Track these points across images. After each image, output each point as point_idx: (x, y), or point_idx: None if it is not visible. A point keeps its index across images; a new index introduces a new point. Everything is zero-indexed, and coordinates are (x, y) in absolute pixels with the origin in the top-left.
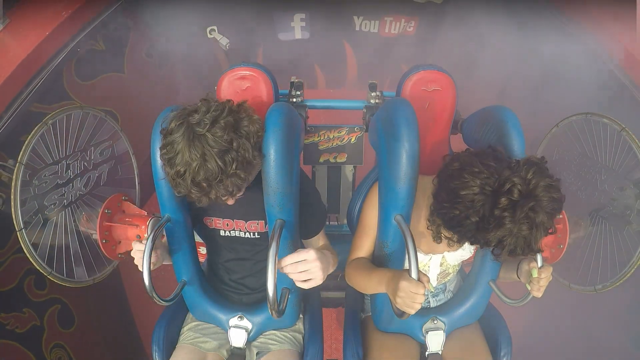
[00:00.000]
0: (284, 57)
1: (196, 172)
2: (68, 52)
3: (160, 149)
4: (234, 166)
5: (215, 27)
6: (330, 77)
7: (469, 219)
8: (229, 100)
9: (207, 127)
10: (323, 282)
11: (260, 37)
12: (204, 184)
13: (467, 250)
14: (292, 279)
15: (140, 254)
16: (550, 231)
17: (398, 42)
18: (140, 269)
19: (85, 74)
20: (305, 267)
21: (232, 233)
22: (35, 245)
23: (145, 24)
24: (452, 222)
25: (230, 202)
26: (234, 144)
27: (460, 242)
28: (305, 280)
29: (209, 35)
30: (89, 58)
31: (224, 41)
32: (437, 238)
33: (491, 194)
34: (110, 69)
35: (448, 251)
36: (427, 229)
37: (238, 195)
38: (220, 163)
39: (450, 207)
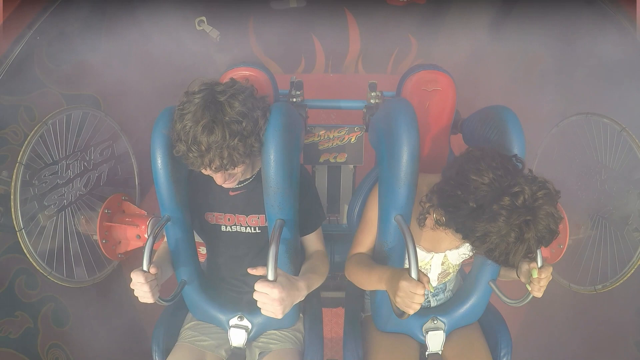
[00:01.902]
0: (277, 29)
1: (201, 131)
2: (33, 35)
3: (178, 105)
4: (236, 139)
5: (204, 18)
6: (330, 51)
7: (467, 204)
8: (253, 86)
9: (227, 97)
10: (323, 282)
11: (250, 7)
12: (203, 147)
13: (468, 249)
14: None
15: (141, 286)
16: (530, 255)
17: (406, 12)
18: (142, 300)
19: (59, 58)
20: (264, 300)
21: (234, 228)
22: (35, 246)
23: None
24: (449, 201)
25: (219, 179)
26: (244, 122)
27: (446, 226)
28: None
29: (197, 27)
30: (63, 41)
31: (214, 33)
32: (423, 218)
33: (497, 189)
34: (86, 51)
35: (450, 250)
36: (420, 203)
37: (228, 180)
38: (226, 131)
39: (454, 186)
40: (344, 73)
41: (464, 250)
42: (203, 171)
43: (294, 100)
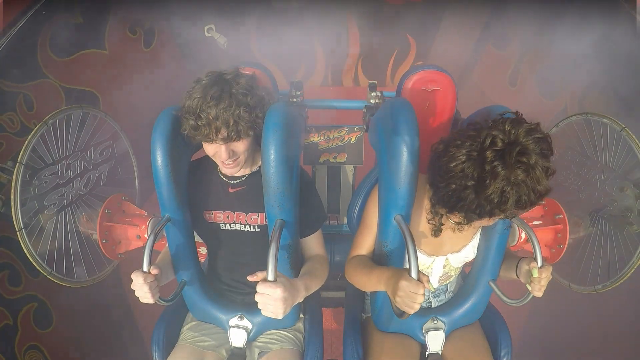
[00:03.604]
0: (278, 27)
1: (209, 100)
2: (30, 21)
3: (188, 89)
4: (241, 108)
5: (212, 26)
6: (330, 50)
7: (467, 188)
8: (255, 74)
9: (233, 76)
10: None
11: (252, 5)
12: (211, 115)
13: (471, 252)
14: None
15: (141, 287)
16: (549, 174)
17: (404, 10)
18: (142, 301)
19: (62, 50)
20: (265, 301)
21: (233, 227)
22: (35, 246)
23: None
24: (453, 200)
25: (224, 154)
26: (248, 96)
27: (469, 222)
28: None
29: (206, 34)
30: (66, 33)
31: (221, 40)
32: (438, 231)
33: (478, 156)
34: (89, 45)
35: (452, 253)
36: (428, 222)
37: (232, 158)
38: (232, 100)
39: (446, 185)
40: (344, 80)
41: (466, 254)
42: (209, 147)
43: (294, 100)
